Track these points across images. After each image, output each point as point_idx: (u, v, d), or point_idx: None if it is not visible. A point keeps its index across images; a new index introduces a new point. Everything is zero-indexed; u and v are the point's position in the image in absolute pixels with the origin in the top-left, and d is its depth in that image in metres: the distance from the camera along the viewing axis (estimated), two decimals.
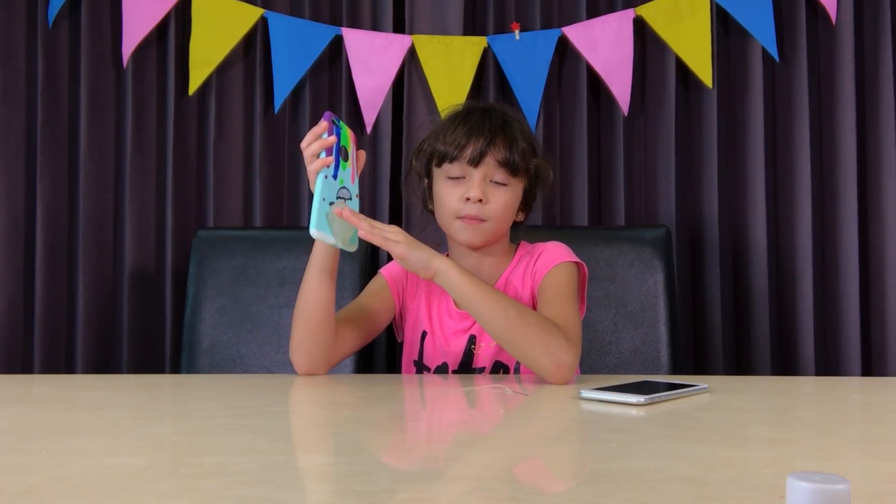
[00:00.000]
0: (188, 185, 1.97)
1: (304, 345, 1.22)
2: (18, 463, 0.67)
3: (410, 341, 1.37)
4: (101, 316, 1.93)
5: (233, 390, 1.11)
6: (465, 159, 1.26)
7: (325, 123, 1.15)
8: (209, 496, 0.56)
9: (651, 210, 1.99)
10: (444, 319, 1.34)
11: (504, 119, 1.30)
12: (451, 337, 1.33)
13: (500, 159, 1.26)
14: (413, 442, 0.83)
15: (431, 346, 1.34)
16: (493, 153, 1.26)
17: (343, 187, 1.16)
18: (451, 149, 1.27)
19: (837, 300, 1.95)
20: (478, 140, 1.26)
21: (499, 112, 1.32)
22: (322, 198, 1.12)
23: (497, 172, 1.27)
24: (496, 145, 1.26)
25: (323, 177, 1.13)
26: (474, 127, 1.27)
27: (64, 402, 1.03)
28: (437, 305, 1.35)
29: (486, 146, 1.26)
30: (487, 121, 1.28)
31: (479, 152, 1.25)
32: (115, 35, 1.94)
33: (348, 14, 1.97)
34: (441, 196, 1.30)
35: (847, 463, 0.70)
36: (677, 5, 1.93)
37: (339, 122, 1.17)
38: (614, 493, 0.57)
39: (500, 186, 1.27)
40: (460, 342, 1.32)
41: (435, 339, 1.34)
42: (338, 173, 1.15)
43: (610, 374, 1.60)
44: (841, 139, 1.94)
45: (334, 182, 1.14)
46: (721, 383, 1.14)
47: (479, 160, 1.26)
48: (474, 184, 1.25)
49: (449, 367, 1.32)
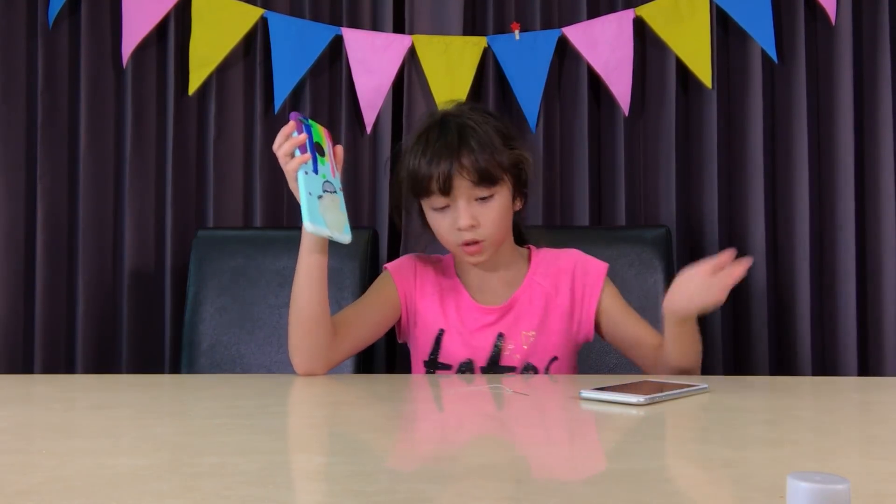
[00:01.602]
0: (188, 185, 1.97)
1: (300, 346, 1.22)
2: (18, 463, 0.67)
3: (422, 341, 1.34)
4: (101, 316, 1.93)
5: (233, 390, 1.11)
6: (436, 190, 1.22)
7: (293, 123, 1.15)
8: (209, 496, 0.56)
9: (651, 210, 1.99)
10: (464, 315, 1.32)
11: (462, 131, 1.23)
12: (476, 332, 1.31)
13: (474, 179, 1.21)
14: (413, 442, 0.83)
15: (452, 343, 1.31)
16: (463, 174, 1.21)
17: (326, 181, 1.15)
18: (420, 181, 1.23)
19: (835, 300, 1.95)
20: (440, 166, 1.21)
21: (454, 124, 1.24)
22: (308, 192, 1.11)
23: (476, 190, 1.22)
24: (462, 165, 1.21)
25: (303, 173, 1.12)
26: (434, 153, 1.22)
27: (64, 402, 1.03)
28: (453, 302, 1.33)
29: (448, 170, 1.20)
30: (444, 140, 1.22)
31: (446, 180, 1.20)
32: (115, 35, 1.94)
33: (348, 14, 1.97)
34: (434, 227, 1.28)
35: (847, 463, 0.70)
36: (677, 6, 1.93)
37: (306, 120, 1.17)
38: (614, 493, 0.57)
39: (487, 200, 1.24)
40: (487, 337, 1.31)
41: (458, 335, 1.31)
42: (317, 168, 1.14)
43: (610, 374, 1.60)
44: (839, 140, 1.94)
45: (316, 176, 1.14)
46: (721, 383, 1.14)
47: (449, 188, 1.21)
48: (459, 212, 1.22)
49: (475, 364, 1.31)
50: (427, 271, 1.36)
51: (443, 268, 1.38)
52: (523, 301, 1.32)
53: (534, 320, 1.31)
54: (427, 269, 1.36)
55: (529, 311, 1.32)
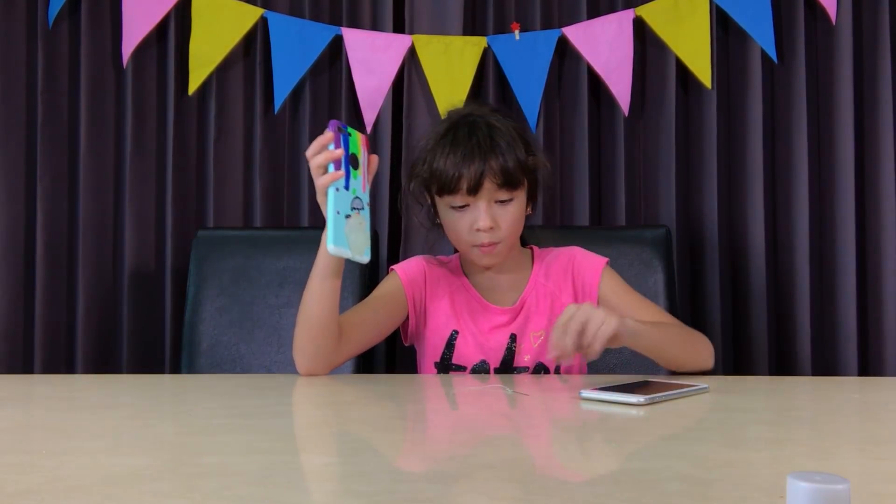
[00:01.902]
0: (188, 185, 1.97)
1: (306, 348, 1.21)
2: (18, 463, 0.67)
3: (433, 343, 1.34)
4: (101, 316, 1.93)
5: (233, 390, 1.11)
6: (464, 189, 1.22)
7: (331, 133, 1.10)
8: (209, 496, 0.56)
9: (651, 210, 1.99)
10: (477, 316, 1.33)
11: (491, 131, 1.25)
12: (490, 333, 1.32)
13: (500, 181, 1.22)
14: (413, 442, 0.83)
15: (466, 344, 1.31)
16: (491, 176, 1.22)
17: (356, 197, 1.11)
18: (447, 180, 1.22)
19: (835, 300, 1.95)
20: (471, 166, 1.21)
21: (483, 123, 1.26)
22: (336, 211, 1.07)
23: (499, 192, 1.24)
24: (491, 167, 1.22)
25: (334, 189, 1.08)
26: (465, 152, 1.22)
27: (64, 402, 1.03)
28: (465, 303, 1.33)
29: (481, 171, 1.21)
30: (475, 140, 1.23)
31: (476, 181, 1.21)
32: (115, 35, 1.94)
33: (348, 14, 1.97)
34: (450, 226, 1.28)
35: (847, 463, 0.70)
36: (677, 6, 1.93)
37: (347, 129, 1.12)
38: (614, 493, 0.57)
39: (506, 203, 1.25)
40: (500, 338, 1.31)
41: (471, 336, 1.32)
42: (349, 184, 1.10)
43: (610, 374, 1.60)
44: (839, 140, 1.94)
45: (346, 193, 1.09)
46: (721, 383, 1.14)
47: (478, 188, 1.22)
48: (480, 213, 1.23)
49: (490, 365, 1.31)
50: (436, 273, 1.36)
51: (451, 269, 1.38)
52: (531, 302, 1.33)
53: (542, 320, 1.32)
54: (436, 271, 1.36)
55: (538, 312, 1.33)
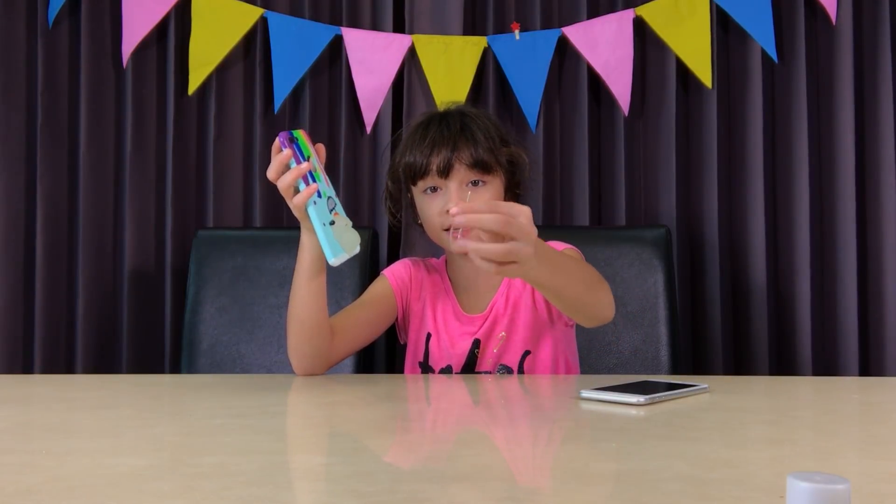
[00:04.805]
0: (188, 185, 1.97)
1: (299, 349, 1.23)
2: (18, 463, 0.67)
3: (415, 343, 1.37)
4: (101, 316, 1.93)
5: (233, 390, 1.11)
6: (435, 171, 1.25)
7: (288, 151, 1.08)
8: (209, 496, 0.56)
9: (651, 210, 1.99)
10: (449, 322, 1.35)
11: (463, 122, 1.29)
12: (457, 339, 1.33)
13: (469, 162, 1.25)
14: (413, 442, 0.83)
15: (436, 347, 1.34)
16: (461, 158, 1.25)
17: (328, 198, 1.11)
18: (419, 163, 1.26)
19: (835, 300, 1.95)
20: (440, 150, 1.25)
21: (457, 115, 1.31)
22: (322, 224, 1.08)
23: (470, 174, 1.26)
24: (460, 150, 1.25)
25: (312, 203, 1.07)
26: (436, 137, 1.26)
27: (64, 402, 1.03)
28: (441, 308, 1.36)
29: (451, 153, 1.24)
30: (446, 128, 1.27)
31: (446, 162, 1.24)
32: (115, 35, 1.94)
33: (348, 14, 1.97)
34: (423, 211, 1.30)
35: (847, 463, 0.70)
36: (677, 6, 1.93)
37: (293, 135, 1.10)
38: (614, 493, 0.57)
39: (479, 187, 1.26)
40: (465, 345, 1.32)
41: (440, 341, 1.34)
42: (320, 190, 1.09)
43: (610, 374, 1.60)
44: (840, 139, 1.94)
45: (321, 200, 1.09)
46: (721, 383, 1.14)
47: (449, 170, 1.25)
48: (451, 194, 1.25)
49: (453, 370, 1.33)
50: (421, 275, 1.39)
51: (436, 271, 1.41)
52: (499, 305, 1.34)
53: (505, 321, 1.33)
54: (421, 272, 1.39)
55: (504, 314, 1.33)
